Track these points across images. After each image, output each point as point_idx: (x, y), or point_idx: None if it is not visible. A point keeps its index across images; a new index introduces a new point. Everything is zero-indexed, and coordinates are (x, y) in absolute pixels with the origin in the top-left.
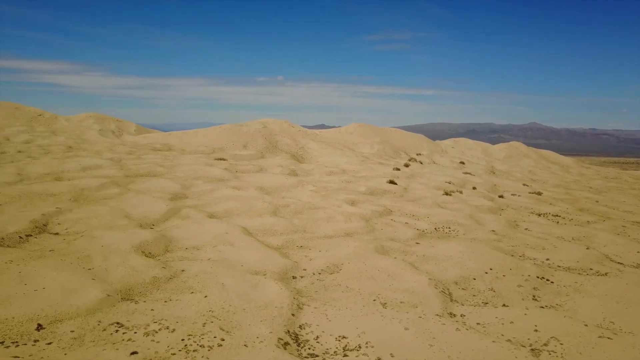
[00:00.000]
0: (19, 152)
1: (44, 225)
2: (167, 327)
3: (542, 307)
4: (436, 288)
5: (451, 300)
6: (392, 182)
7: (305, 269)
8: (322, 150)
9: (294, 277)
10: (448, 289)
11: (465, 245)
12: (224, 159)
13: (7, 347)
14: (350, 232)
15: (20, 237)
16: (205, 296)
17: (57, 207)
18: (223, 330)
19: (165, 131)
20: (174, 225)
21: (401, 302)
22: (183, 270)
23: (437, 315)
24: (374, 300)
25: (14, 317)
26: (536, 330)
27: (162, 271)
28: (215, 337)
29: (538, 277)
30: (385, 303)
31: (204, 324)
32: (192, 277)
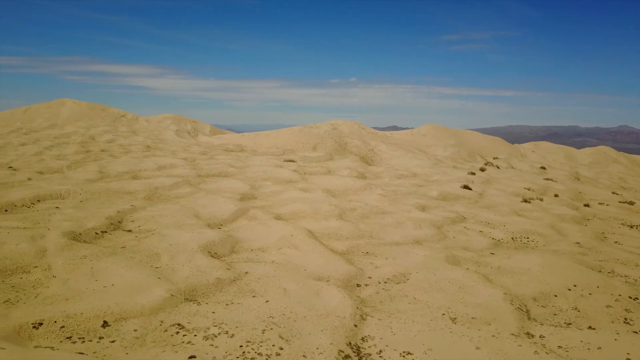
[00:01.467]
0: (102, 150)
1: (119, 222)
2: (227, 332)
3: (636, 332)
4: (512, 304)
5: (529, 318)
6: (466, 187)
7: (370, 277)
8: (393, 152)
9: (358, 285)
10: (525, 306)
11: (545, 257)
12: (293, 161)
13: (74, 342)
14: (420, 239)
15: (96, 233)
16: (267, 301)
17: (131, 205)
18: (282, 338)
19: (239, 132)
20: (241, 225)
21: (473, 318)
22: (247, 273)
23: (513, 334)
24: (443, 314)
25: (82, 313)
26: None
27: (226, 272)
28: (273, 346)
29: (630, 298)
30: (455, 318)
31: (264, 330)
32: (255, 280)
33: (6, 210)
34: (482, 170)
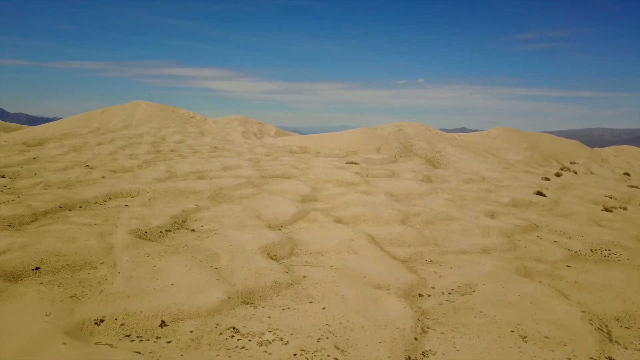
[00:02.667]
0: (172, 151)
1: (183, 221)
2: (282, 339)
3: None
4: (591, 324)
5: (610, 340)
6: (540, 193)
7: (433, 287)
8: (461, 155)
9: (420, 295)
10: (606, 326)
11: (629, 273)
12: (355, 163)
13: (132, 340)
14: (488, 248)
15: (161, 232)
16: (324, 308)
17: (196, 204)
18: (338, 348)
19: (303, 134)
20: (301, 228)
21: (545, 337)
22: (305, 277)
23: (592, 358)
24: (512, 331)
25: (141, 312)
26: None
27: (283, 276)
28: (328, 356)
29: None
30: (526, 336)
31: (319, 339)
32: (313, 285)
33: (80, 207)
34: (558, 175)
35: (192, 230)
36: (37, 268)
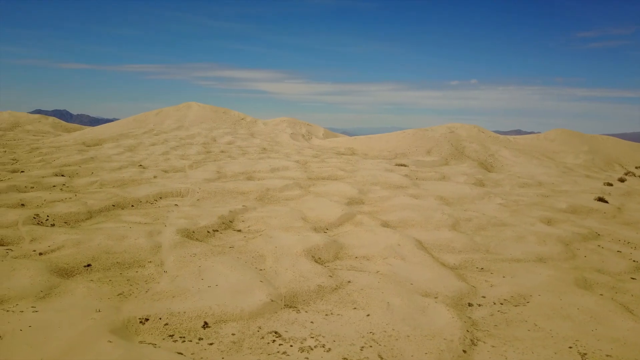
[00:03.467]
0: (222, 152)
1: (230, 221)
2: (324, 346)
3: None
4: None
5: None
6: (601, 199)
7: (484, 297)
8: (516, 158)
9: (469, 305)
10: None
11: None
12: (404, 165)
13: (175, 341)
14: (544, 257)
15: (208, 232)
16: (368, 315)
17: (243, 205)
18: (381, 358)
19: (352, 135)
20: (346, 231)
21: (608, 356)
22: (349, 282)
23: None
24: (570, 347)
25: (185, 312)
26: None
27: (328, 280)
28: None
29: None
30: (586, 354)
31: (362, 347)
32: (358, 291)
33: (132, 206)
34: (622, 180)
35: (239, 230)
36: (89, 265)
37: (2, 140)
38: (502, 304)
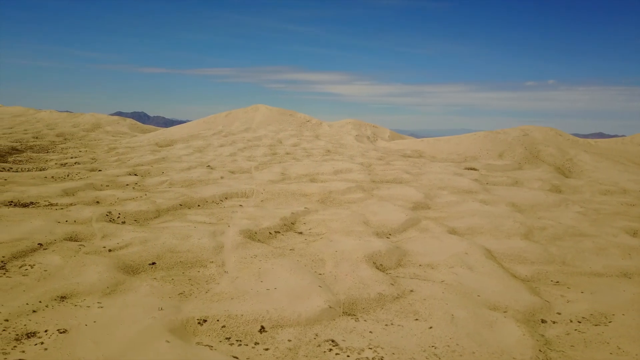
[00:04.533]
0: (287, 153)
1: (292, 223)
2: (382, 358)
3: None
4: None
5: None
6: None
7: (559, 313)
8: (597, 163)
9: (543, 321)
10: None
11: None
12: (474, 169)
13: (232, 344)
14: (629, 272)
15: (270, 233)
16: (430, 327)
17: (305, 207)
18: None
19: (419, 137)
20: (410, 237)
21: None
22: (412, 291)
23: None
24: None
25: (242, 315)
26: None
27: (389, 288)
28: None
29: None
30: None
31: None
32: (420, 301)
33: (198, 206)
34: None
35: (300, 233)
36: (153, 263)
37: (84, 141)
38: (579, 322)
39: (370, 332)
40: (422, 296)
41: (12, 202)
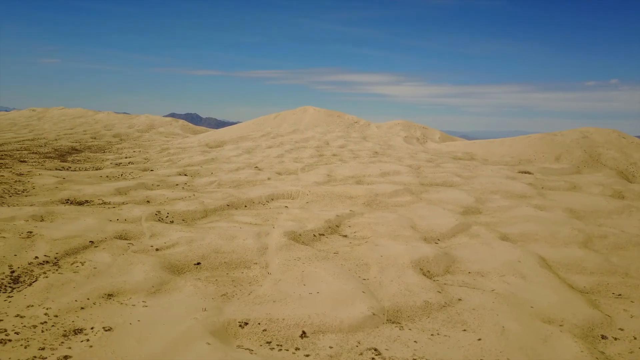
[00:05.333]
0: (334, 155)
1: (337, 226)
2: None
3: None
4: None
5: None
6: None
7: (622, 329)
8: None
9: (603, 338)
10: None
11: None
12: (529, 172)
13: (272, 348)
14: None
15: (314, 235)
16: (479, 339)
17: (350, 210)
18: None
19: (470, 139)
20: (460, 243)
21: None
22: (460, 300)
23: None
24: None
25: (284, 319)
26: None
27: (436, 296)
28: None
29: None
30: None
31: None
32: (469, 311)
33: (245, 206)
34: None
35: (345, 236)
36: (198, 263)
37: (138, 141)
38: None
39: (415, 341)
40: (471, 306)
41: (68, 200)
